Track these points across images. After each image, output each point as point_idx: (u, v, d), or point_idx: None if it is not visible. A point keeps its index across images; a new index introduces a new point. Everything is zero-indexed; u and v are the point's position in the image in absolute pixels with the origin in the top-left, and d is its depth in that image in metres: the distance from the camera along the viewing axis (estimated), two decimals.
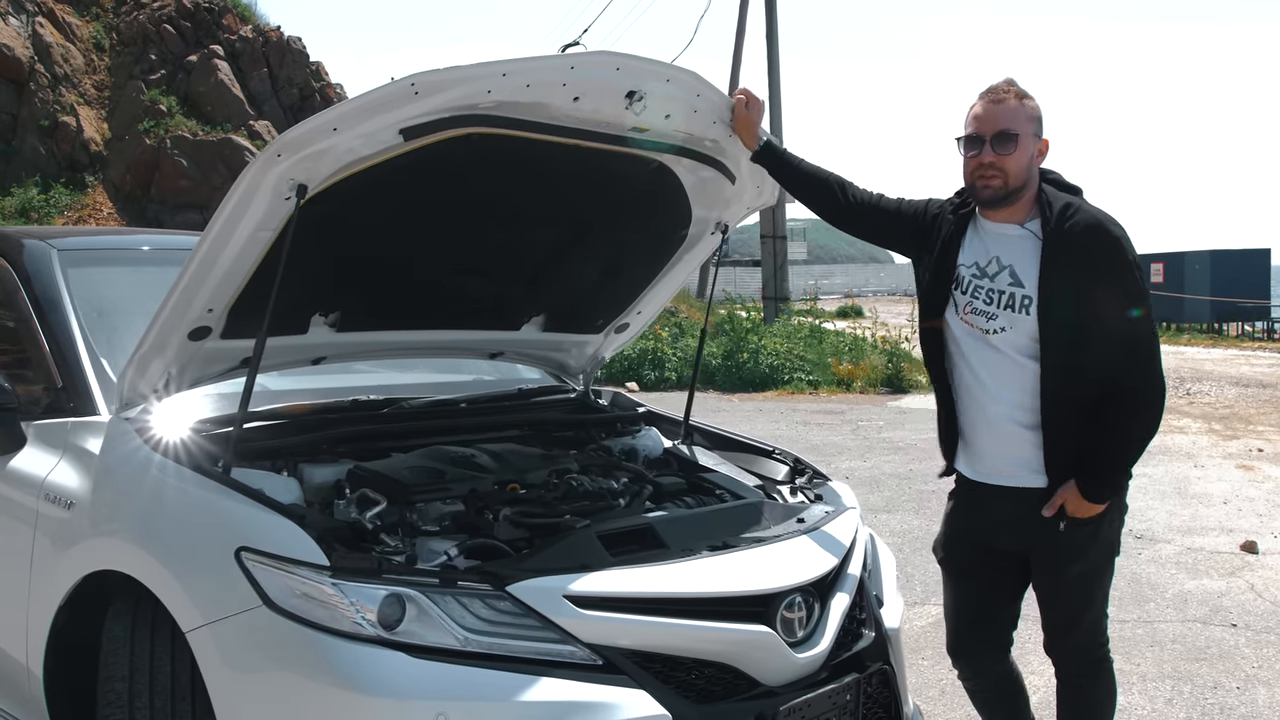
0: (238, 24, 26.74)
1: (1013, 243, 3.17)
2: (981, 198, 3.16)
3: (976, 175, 3.13)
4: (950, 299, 3.24)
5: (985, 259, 3.20)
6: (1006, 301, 3.12)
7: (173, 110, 24.28)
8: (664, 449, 3.96)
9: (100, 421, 3.16)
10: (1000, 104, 3.12)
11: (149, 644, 2.77)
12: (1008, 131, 3.08)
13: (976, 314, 3.17)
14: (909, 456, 10.47)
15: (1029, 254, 3.13)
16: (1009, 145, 3.08)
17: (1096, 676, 3.31)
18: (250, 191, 2.76)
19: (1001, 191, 3.12)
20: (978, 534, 3.31)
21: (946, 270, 3.25)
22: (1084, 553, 3.18)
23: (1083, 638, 3.28)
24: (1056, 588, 3.24)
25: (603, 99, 3.05)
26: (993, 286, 3.15)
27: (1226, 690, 4.75)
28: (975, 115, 3.15)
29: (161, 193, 23.42)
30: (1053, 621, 3.30)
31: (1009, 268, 3.15)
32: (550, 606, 2.56)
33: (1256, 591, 6.22)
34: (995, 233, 3.21)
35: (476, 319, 3.79)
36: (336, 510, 2.98)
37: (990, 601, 3.37)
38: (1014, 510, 3.18)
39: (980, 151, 3.11)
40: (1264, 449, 11.15)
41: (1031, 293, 3.09)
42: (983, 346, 3.18)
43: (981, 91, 3.18)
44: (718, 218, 3.82)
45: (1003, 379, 3.15)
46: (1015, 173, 3.10)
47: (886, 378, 16.86)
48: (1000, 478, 3.20)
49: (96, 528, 2.97)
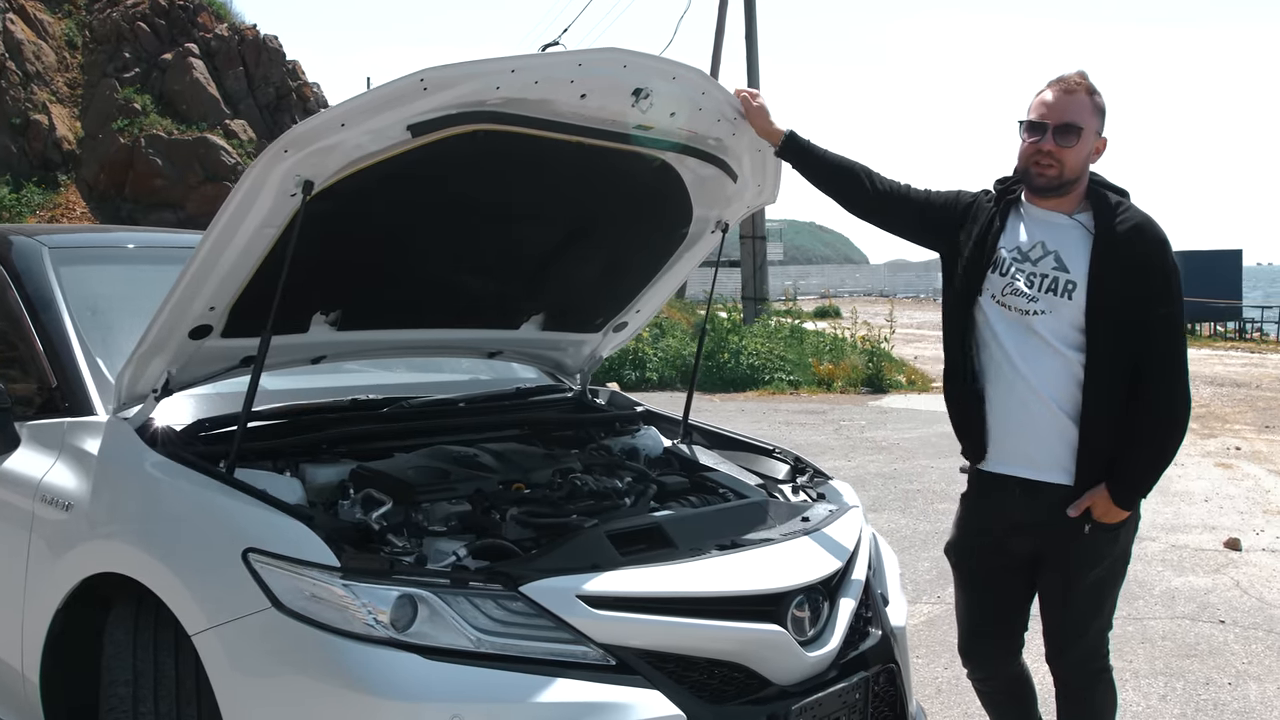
0: (213, 22, 26.59)
1: (1061, 230, 3.14)
2: (1035, 184, 3.13)
3: (1032, 161, 3.10)
4: (985, 282, 3.17)
5: (1029, 244, 3.15)
6: (1049, 285, 3.08)
7: (147, 109, 24.11)
8: (664, 448, 3.94)
9: (98, 422, 3.11)
10: (1070, 95, 3.08)
11: (152, 647, 2.73)
12: (1073, 124, 3.06)
13: (1017, 295, 3.11)
14: (893, 456, 10.50)
15: (1078, 243, 3.10)
16: (1071, 137, 3.06)
17: (1097, 687, 3.28)
18: (256, 188, 2.73)
19: (1056, 181, 3.09)
20: (992, 534, 3.25)
21: (985, 253, 3.18)
22: (1101, 559, 3.14)
23: (1088, 648, 3.23)
24: (1068, 594, 3.18)
25: (609, 96, 3.03)
26: (1035, 270, 3.11)
27: (1219, 686, 4.77)
28: (1043, 101, 3.11)
29: (136, 192, 23.26)
30: (1060, 629, 3.23)
31: (1054, 253, 3.11)
32: (564, 607, 2.53)
33: (1242, 588, 6.26)
34: (1042, 219, 3.18)
35: (476, 318, 3.76)
36: (341, 511, 2.95)
37: (1003, 604, 3.33)
38: (1034, 508, 3.13)
39: (1042, 138, 3.07)
40: (1241, 447, 11.25)
41: (1077, 279, 3.06)
42: (1022, 331, 3.11)
43: (1052, 80, 3.14)
44: (718, 216, 3.80)
45: (1042, 365, 3.09)
46: (1073, 165, 3.08)
47: (867, 377, 16.91)
48: (1026, 470, 3.12)
49: (96, 529, 2.92)
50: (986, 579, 3.32)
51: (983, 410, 3.18)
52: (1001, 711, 3.50)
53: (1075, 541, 3.11)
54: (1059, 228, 3.15)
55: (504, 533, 2.92)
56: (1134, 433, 3.05)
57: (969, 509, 3.34)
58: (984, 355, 3.19)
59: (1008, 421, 3.15)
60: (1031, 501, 3.13)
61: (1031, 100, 3.17)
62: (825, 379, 16.92)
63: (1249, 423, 13.10)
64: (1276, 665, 5.02)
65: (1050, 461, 3.11)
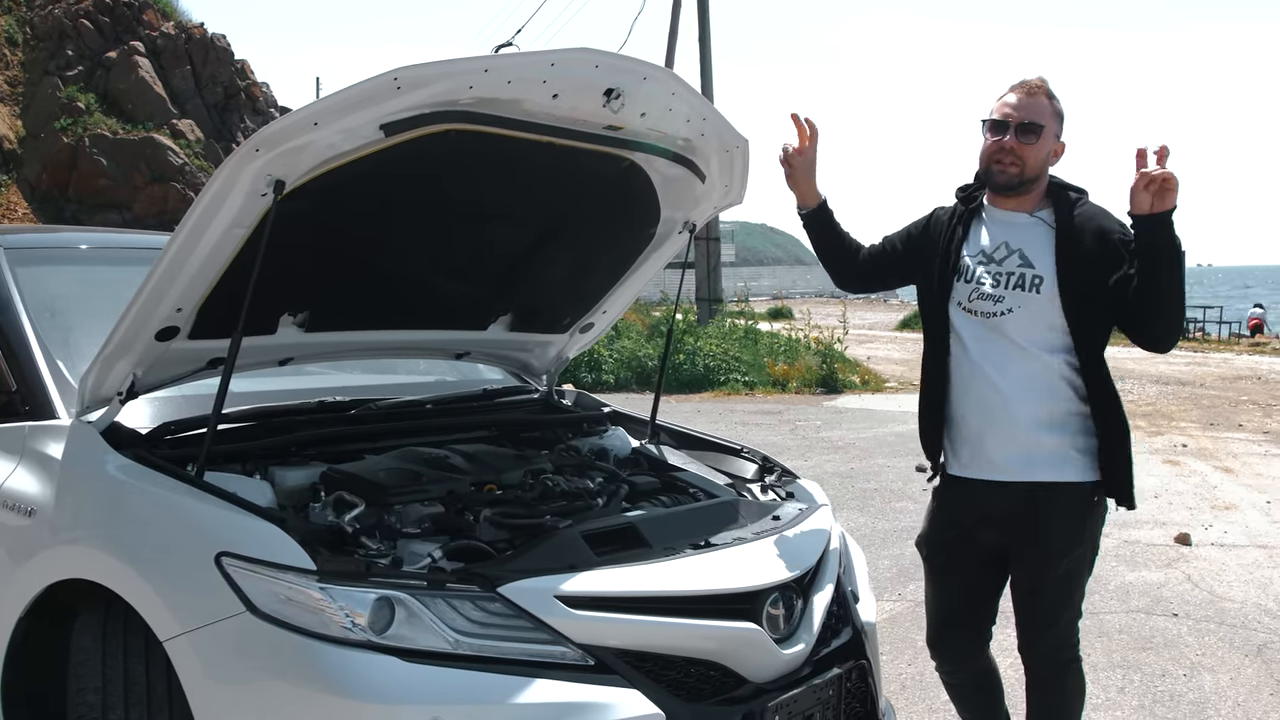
0: (159, 20, 26.17)
1: (1023, 228, 3.25)
2: (997, 182, 3.24)
3: (994, 159, 3.22)
4: (952, 292, 3.27)
5: (993, 245, 3.26)
6: (1015, 282, 3.18)
7: (91, 108, 23.70)
8: (632, 448, 3.94)
9: (60, 425, 3.06)
10: (1032, 97, 3.22)
11: (121, 654, 2.69)
12: (1034, 123, 3.18)
13: (983, 299, 3.21)
14: (849, 455, 10.58)
15: (1041, 239, 3.21)
16: (1032, 135, 3.18)
17: (1067, 676, 3.34)
18: (226, 187, 2.69)
19: (1016, 179, 3.20)
20: (961, 528, 3.33)
21: (949, 264, 3.29)
22: (1071, 549, 3.21)
23: (1059, 637, 3.30)
24: (1040, 585, 3.25)
25: (581, 96, 3.02)
26: (1000, 269, 3.21)
27: (1174, 678, 4.86)
28: (1006, 103, 3.23)
29: (80, 192, 22.84)
30: (1031, 620, 3.30)
31: (1019, 250, 3.22)
32: (542, 607, 2.53)
33: (1194, 582, 6.37)
34: (1004, 220, 3.29)
35: (445, 319, 3.74)
36: (312, 513, 2.92)
37: (972, 597, 3.40)
38: (1019, 506, 3.19)
39: (1004, 136, 3.19)
40: (1187, 444, 11.45)
41: (1043, 273, 3.16)
42: (988, 335, 3.20)
43: (1015, 83, 3.28)
44: (685, 217, 3.81)
45: (1009, 368, 3.18)
46: (1032, 164, 3.19)
47: (821, 378, 17.01)
48: (1016, 473, 3.19)
49: (60, 535, 2.87)
50: (956, 571, 3.39)
51: (944, 417, 3.29)
52: (969, 705, 3.55)
53: (1044, 534, 3.18)
54: (1021, 226, 3.25)
55: (478, 534, 2.91)
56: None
57: (939, 503, 3.42)
58: (953, 363, 3.28)
59: (976, 428, 3.24)
60: (1002, 499, 3.21)
61: (994, 103, 3.28)
62: (780, 380, 17.00)
63: (1194, 420, 13.34)
64: (1229, 656, 5.12)
65: (1018, 462, 3.18)
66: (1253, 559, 6.90)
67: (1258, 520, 7.98)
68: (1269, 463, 10.38)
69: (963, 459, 3.29)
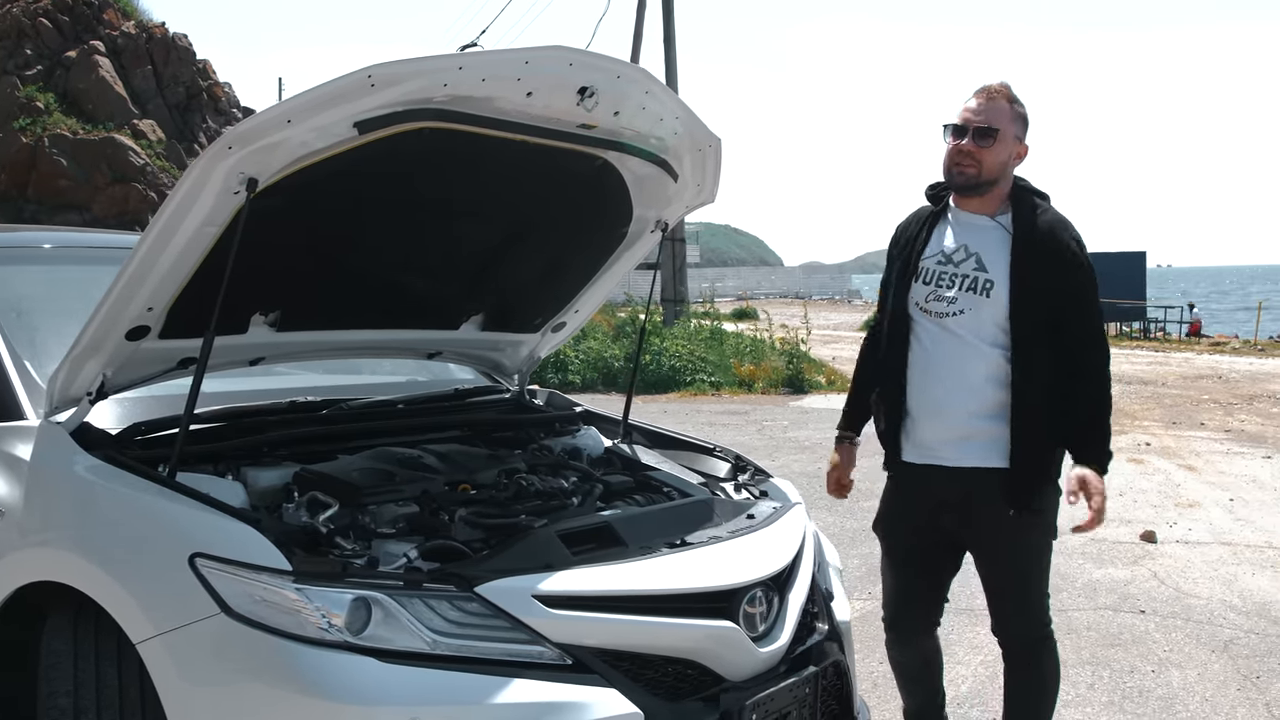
0: (119, 19, 25.92)
1: (983, 232, 3.38)
2: (955, 183, 3.37)
3: (953, 161, 3.35)
4: (910, 293, 3.41)
5: (953, 247, 3.40)
6: (968, 285, 3.33)
7: (50, 108, 23.45)
8: (605, 448, 3.94)
9: (29, 426, 3.01)
10: (991, 101, 3.34)
11: (93, 657, 2.65)
12: (991, 127, 3.30)
13: (939, 300, 3.36)
14: (816, 455, 10.60)
15: (998, 244, 3.34)
16: (989, 139, 3.30)
17: (1043, 655, 3.47)
18: (198, 185, 2.66)
19: (974, 180, 3.32)
20: (917, 512, 3.48)
21: (909, 267, 3.43)
22: (1028, 533, 3.35)
23: (1032, 614, 3.42)
24: (1003, 568, 3.41)
25: (555, 95, 3.01)
26: (956, 271, 3.36)
27: (1143, 674, 4.91)
28: (966, 107, 3.35)
29: (39, 192, 22.60)
30: (1001, 602, 3.45)
31: (976, 254, 3.35)
32: (519, 607, 2.51)
33: (1160, 579, 6.44)
34: (966, 222, 3.42)
35: (417, 318, 3.72)
36: (286, 514, 2.89)
37: (928, 577, 3.56)
38: (962, 491, 3.35)
39: (963, 140, 3.31)
40: (1150, 443, 11.57)
41: (995, 278, 3.30)
42: (943, 334, 3.36)
43: (977, 89, 3.39)
44: (658, 216, 3.81)
45: (960, 364, 3.33)
46: (990, 166, 3.30)
47: (787, 378, 17.06)
48: (953, 459, 3.35)
49: (29, 537, 2.82)
50: (913, 554, 3.56)
51: (901, 409, 3.45)
52: (913, 682, 3.72)
53: (1001, 520, 3.32)
54: (981, 230, 3.39)
55: (453, 534, 2.89)
56: (1078, 405, 3.28)
57: (895, 489, 3.58)
58: (910, 360, 3.44)
59: (929, 419, 3.40)
60: (958, 486, 3.36)
61: (959, 108, 3.40)
62: (746, 380, 17.04)
63: (1157, 419, 13.49)
64: (1196, 652, 5.18)
65: (977, 450, 3.33)
66: (1217, 556, 6.99)
67: (1221, 518, 8.08)
68: (1231, 461, 10.51)
69: (915, 447, 3.45)
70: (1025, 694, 3.49)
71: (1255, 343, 27.68)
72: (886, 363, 3.51)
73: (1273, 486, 9.25)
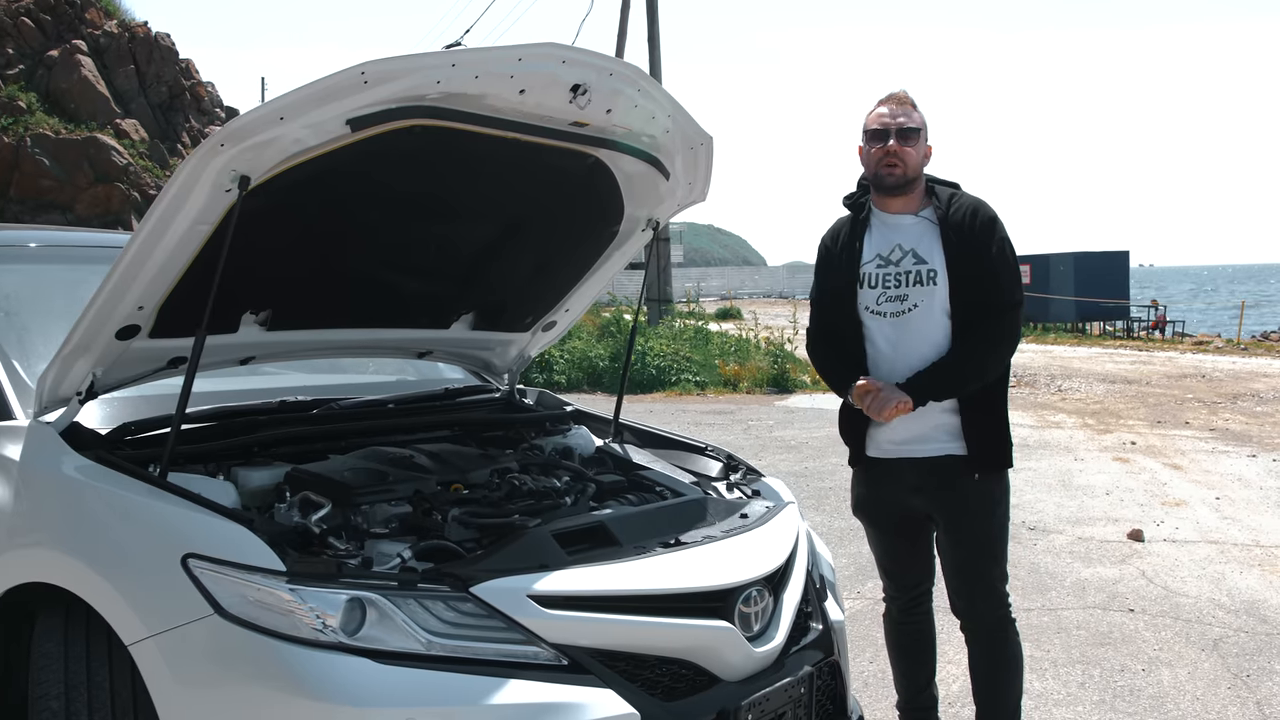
0: (102, 18, 25.78)
1: (911, 229, 3.56)
2: (885, 184, 3.52)
3: (882, 164, 3.51)
4: (859, 299, 3.55)
5: (887, 248, 3.56)
6: (914, 279, 3.49)
7: (32, 107, 23.30)
8: (596, 447, 3.93)
9: (18, 426, 2.99)
10: (902, 105, 3.55)
11: (84, 659, 2.62)
12: (912, 127, 3.51)
13: (891, 300, 3.50)
14: (802, 454, 10.62)
15: (929, 235, 3.52)
16: (911, 139, 3.49)
17: (1007, 634, 3.60)
18: (190, 183, 2.64)
19: (902, 179, 3.51)
20: (893, 497, 3.59)
21: (853, 274, 3.56)
22: (990, 512, 3.50)
23: (993, 594, 3.56)
24: (964, 549, 3.53)
25: (548, 92, 3.00)
26: (898, 270, 3.51)
27: (1133, 673, 4.91)
28: (880, 115, 3.54)
29: (22, 192, 22.45)
30: (963, 579, 3.57)
31: (911, 251, 3.52)
32: (514, 607, 2.50)
33: (1148, 577, 6.46)
34: (893, 224, 3.59)
35: (407, 317, 3.71)
36: (278, 514, 2.87)
37: (914, 542, 3.73)
38: (928, 477, 3.49)
39: (886, 143, 3.49)
40: (1136, 442, 11.61)
41: (936, 266, 3.47)
42: (897, 333, 3.50)
43: (883, 98, 3.61)
44: (649, 214, 3.80)
45: (922, 353, 3.47)
46: (913, 164, 3.51)
47: (772, 378, 17.08)
48: (917, 450, 3.50)
49: (18, 538, 2.80)
50: (894, 524, 3.68)
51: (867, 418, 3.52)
52: (911, 660, 3.80)
53: (964, 500, 3.47)
54: (908, 228, 3.56)
55: (446, 534, 2.88)
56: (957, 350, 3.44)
57: (865, 478, 3.68)
58: (870, 364, 3.55)
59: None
60: (922, 473, 3.50)
61: (867, 117, 3.59)
62: (731, 380, 17.05)
63: (1141, 418, 13.53)
64: (1186, 651, 5.19)
65: (938, 437, 3.48)
66: (1204, 554, 7.01)
67: (1208, 516, 8.10)
68: (1216, 459, 10.55)
69: (881, 444, 3.57)
70: (997, 672, 3.60)
71: (1238, 342, 27.82)
72: (841, 369, 3.59)
73: (1258, 485, 9.28)
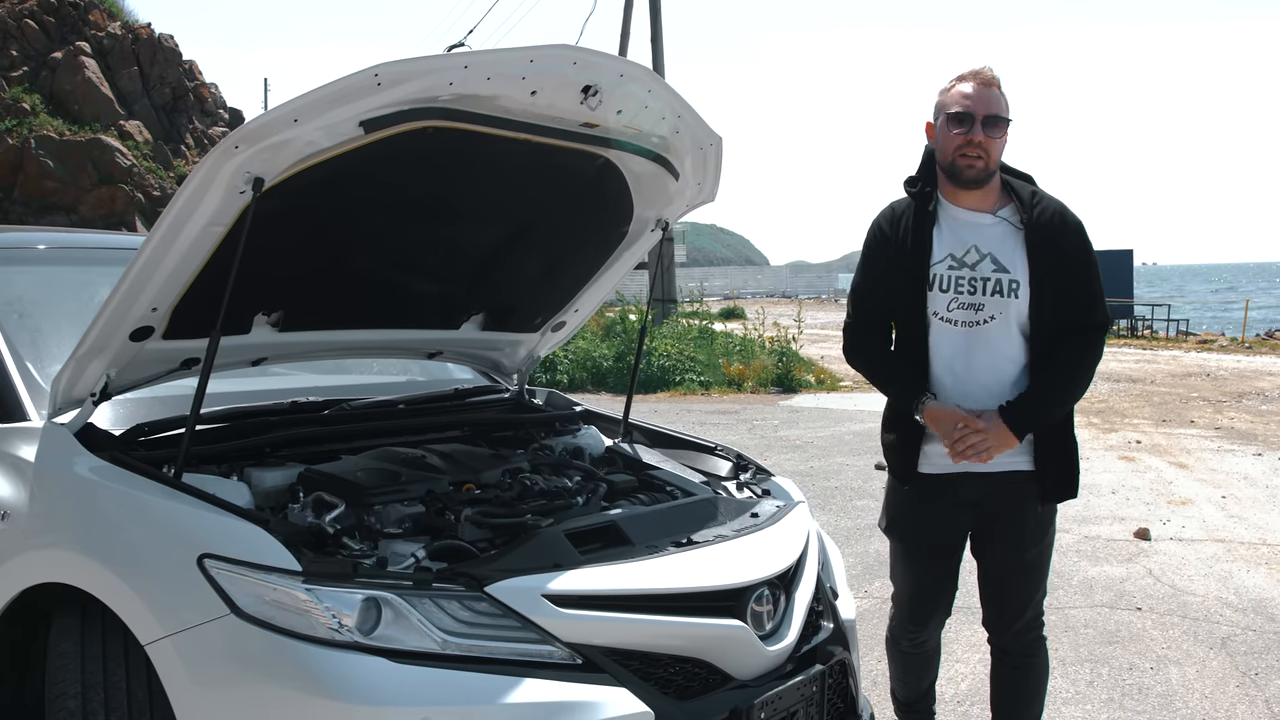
0: (105, 20, 25.79)
1: (988, 230, 3.24)
2: (964, 177, 3.19)
3: (960, 153, 3.16)
4: (928, 304, 3.24)
5: (961, 249, 3.24)
6: (994, 288, 3.18)
7: (36, 109, 23.32)
8: (605, 447, 3.94)
9: (33, 427, 3.00)
10: (989, 88, 3.17)
11: (101, 659, 2.64)
12: (999, 115, 3.15)
13: (964, 309, 3.21)
14: (808, 454, 10.63)
15: (1010, 240, 3.21)
16: (998, 129, 3.16)
17: (1038, 653, 3.47)
18: (205, 184, 2.65)
19: (983, 173, 3.17)
20: (939, 517, 3.37)
21: (921, 274, 3.24)
22: (1045, 532, 3.33)
23: (1033, 617, 3.42)
24: (1016, 569, 3.36)
25: (559, 94, 3.01)
26: (974, 275, 3.20)
27: (1141, 671, 4.92)
28: (964, 94, 3.16)
29: (26, 194, 22.47)
30: (1007, 603, 3.40)
31: (989, 255, 3.21)
32: (529, 606, 2.51)
33: (1155, 576, 6.46)
34: (967, 221, 3.26)
35: (418, 318, 3.72)
36: (291, 514, 2.88)
37: (944, 570, 3.49)
38: (990, 493, 3.28)
39: (971, 129, 3.13)
40: (1141, 440, 11.61)
41: (1019, 277, 3.17)
42: (970, 342, 3.22)
43: (965, 73, 3.22)
44: (658, 215, 3.80)
45: (996, 372, 3.22)
46: (996, 157, 3.19)
47: (777, 377, 17.08)
48: (981, 466, 3.22)
49: (34, 539, 2.80)
50: (931, 550, 3.45)
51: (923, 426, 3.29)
52: (915, 675, 3.73)
53: (1022, 521, 3.28)
54: (986, 229, 3.24)
55: (460, 534, 2.89)
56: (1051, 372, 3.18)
57: (913, 496, 3.42)
58: (934, 374, 3.28)
59: None
60: (983, 489, 3.28)
61: (946, 94, 3.21)
62: (736, 379, 17.05)
63: (1147, 417, 13.53)
64: (1194, 649, 5.20)
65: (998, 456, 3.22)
66: (1211, 553, 7.01)
67: (1214, 515, 8.11)
68: (1221, 458, 10.55)
69: (934, 458, 3.33)
70: (1025, 692, 3.48)
71: (1243, 340, 27.79)
72: (905, 377, 3.32)
73: (1264, 483, 9.29)
